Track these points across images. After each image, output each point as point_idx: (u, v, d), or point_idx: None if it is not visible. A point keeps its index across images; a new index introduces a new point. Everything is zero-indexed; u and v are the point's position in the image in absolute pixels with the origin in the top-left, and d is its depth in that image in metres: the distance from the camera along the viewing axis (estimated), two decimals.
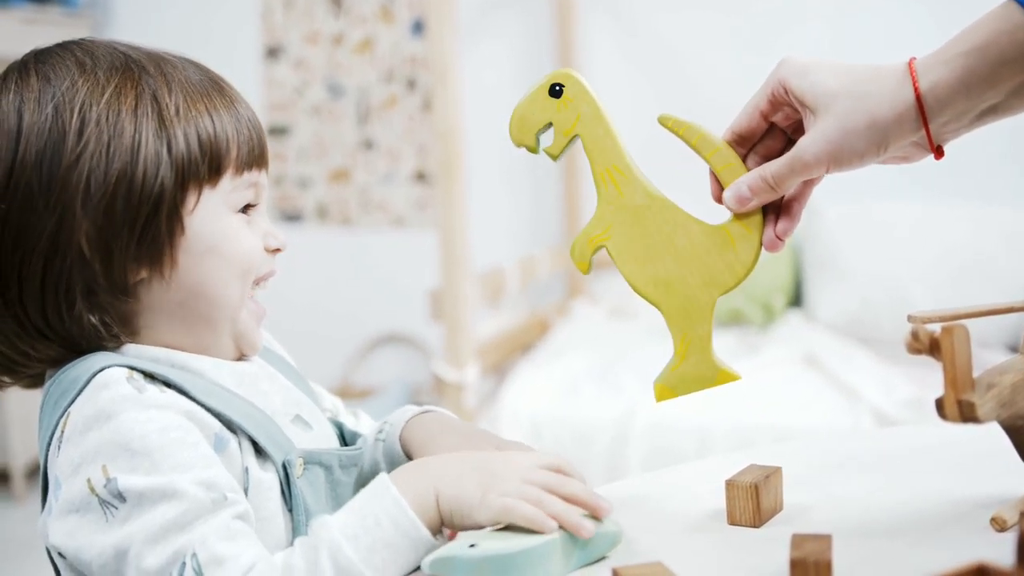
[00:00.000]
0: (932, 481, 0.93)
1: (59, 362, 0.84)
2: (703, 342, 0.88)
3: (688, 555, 0.80)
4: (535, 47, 3.46)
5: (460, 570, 0.75)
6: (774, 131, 0.90)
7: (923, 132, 0.82)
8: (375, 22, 3.58)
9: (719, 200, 0.90)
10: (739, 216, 0.88)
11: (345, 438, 0.98)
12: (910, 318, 0.87)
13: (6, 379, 0.87)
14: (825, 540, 0.72)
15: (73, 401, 0.79)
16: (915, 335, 0.76)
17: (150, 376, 0.80)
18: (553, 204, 3.50)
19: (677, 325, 0.89)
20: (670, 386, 0.90)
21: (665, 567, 0.72)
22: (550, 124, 0.90)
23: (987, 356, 2.30)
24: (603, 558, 0.80)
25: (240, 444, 0.82)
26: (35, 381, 0.88)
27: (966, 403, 0.74)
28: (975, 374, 0.76)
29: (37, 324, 0.82)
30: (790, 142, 0.89)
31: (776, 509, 0.88)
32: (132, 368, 0.80)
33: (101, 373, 0.79)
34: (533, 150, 0.91)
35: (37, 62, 0.85)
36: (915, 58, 0.84)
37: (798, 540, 0.73)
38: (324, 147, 3.65)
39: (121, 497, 0.74)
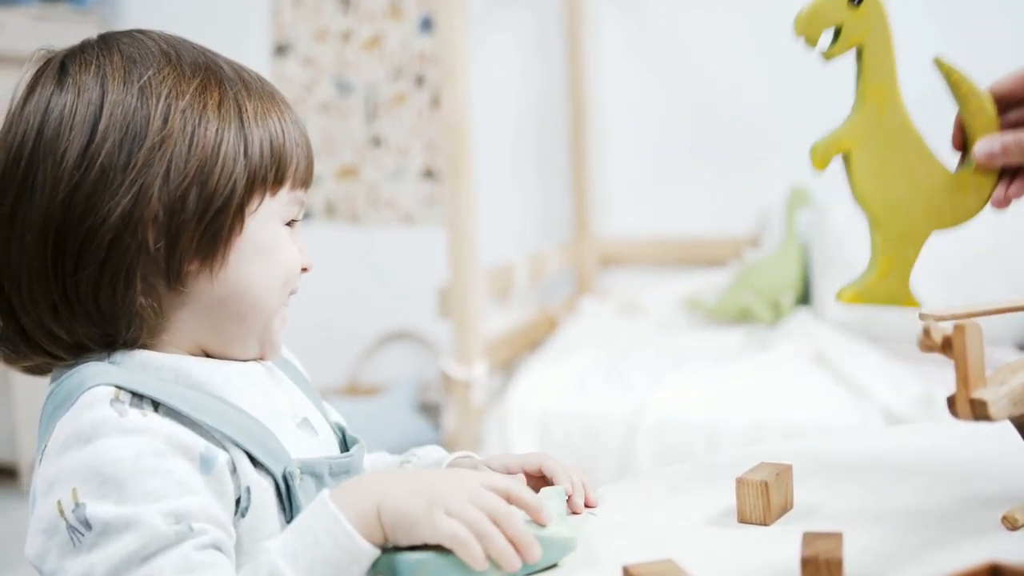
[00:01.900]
0: (942, 479, 0.93)
1: (80, 350, 0.83)
2: (906, 266, 0.95)
3: (699, 552, 0.79)
4: (544, 44, 3.46)
5: (399, 571, 0.75)
6: None
7: None
8: (383, 19, 3.58)
9: (957, 147, 0.94)
10: (978, 168, 0.93)
11: (347, 443, 0.97)
12: (922, 316, 0.86)
13: (8, 352, 0.86)
14: (836, 538, 0.72)
15: (61, 417, 0.79)
16: (927, 333, 0.76)
17: (137, 396, 0.79)
18: (562, 200, 3.49)
19: (889, 245, 0.94)
20: (859, 292, 0.95)
21: (676, 564, 0.72)
22: (837, 27, 0.92)
23: (997, 354, 2.30)
24: (554, 565, 0.80)
25: (234, 460, 0.81)
26: (36, 369, 0.88)
27: (978, 401, 0.74)
28: (987, 372, 0.76)
29: (84, 302, 0.81)
30: None
31: (786, 507, 0.88)
32: (120, 388, 0.79)
33: (88, 391, 0.78)
34: (813, 43, 0.92)
35: (119, 42, 0.85)
36: None
37: (809, 538, 0.72)
38: (332, 144, 3.65)
39: (87, 525, 0.74)
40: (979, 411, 0.74)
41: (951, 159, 0.95)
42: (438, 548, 0.75)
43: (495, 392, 2.70)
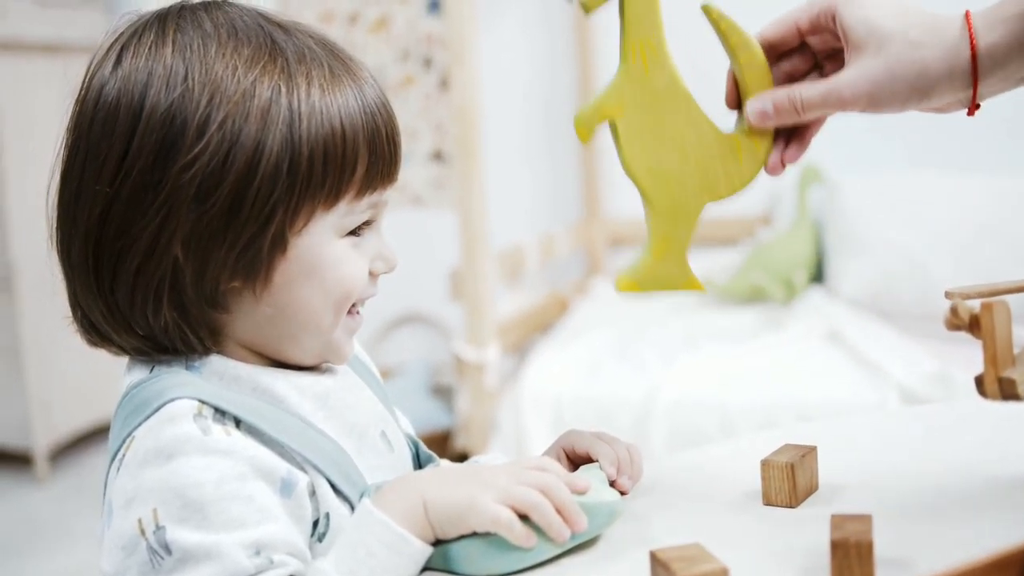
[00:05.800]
0: (967, 459, 0.92)
1: (142, 352, 0.81)
2: (681, 245, 0.86)
3: (726, 536, 0.79)
4: (552, 24, 3.44)
5: (449, 556, 0.75)
6: (804, 51, 0.88)
7: (971, 90, 0.81)
8: (390, 0, 3.57)
9: (732, 106, 0.87)
10: (751, 130, 0.85)
11: (420, 459, 0.95)
12: (948, 294, 0.85)
13: (88, 339, 0.83)
14: (866, 520, 0.71)
15: (139, 425, 0.75)
16: (955, 311, 0.75)
17: (220, 412, 0.76)
18: (572, 182, 3.48)
19: (661, 222, 0.86)
20: (637, 280, 0.87)
21: (703, 548, 0.71)
22: None
23: (1015, 332, 2.28)
24: (598, 537, 0.80)
25: (314, 483, 0.78)
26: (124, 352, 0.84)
27: (1007, 380, 0.73)
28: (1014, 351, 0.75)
29: (126, 316, 0.79)
30: (817, 67, 0.87)
31: (812, 489, 0.87)
32: (203, 402, 0.75)
33: (170, 404, 0.75)
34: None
35: (178, 28, 0.79)
36: (970, 12, 0.81)
37: (838, 521, 0.71)
38: None
39: (168, 549, 0.72)
40: (1008, 390, 0.73)
41: (727, 121, 0.87)
42: (488, 533, 0.75)
43: (508, 375, 2.70)
